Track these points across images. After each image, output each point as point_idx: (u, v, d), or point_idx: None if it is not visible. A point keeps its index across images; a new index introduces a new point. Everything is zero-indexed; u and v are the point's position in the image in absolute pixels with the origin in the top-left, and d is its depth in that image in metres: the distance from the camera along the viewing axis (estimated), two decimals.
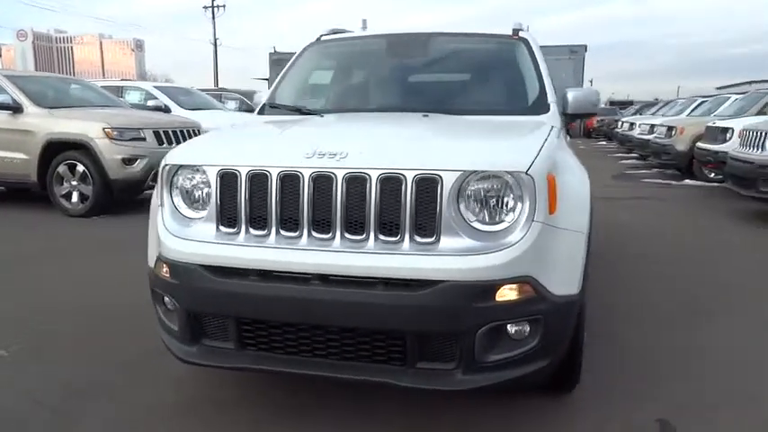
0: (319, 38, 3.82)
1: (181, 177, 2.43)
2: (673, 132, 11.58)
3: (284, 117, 3.24)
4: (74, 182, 7.34)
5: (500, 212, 2.14)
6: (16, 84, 7.70)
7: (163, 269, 2.38)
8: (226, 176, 2.27)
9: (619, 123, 20.38)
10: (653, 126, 13.49)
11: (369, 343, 2.18)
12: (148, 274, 2.57)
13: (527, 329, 2.16)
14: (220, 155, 2.35)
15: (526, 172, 2.09)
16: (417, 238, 2.10)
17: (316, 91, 3.71)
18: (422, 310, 2.05)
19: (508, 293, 2.07)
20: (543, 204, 2.12)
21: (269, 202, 2.20)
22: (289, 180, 2.18)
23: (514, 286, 2.07)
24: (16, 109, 7.44)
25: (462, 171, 2.09)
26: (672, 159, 11.71)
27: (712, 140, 9.64)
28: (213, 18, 46.93)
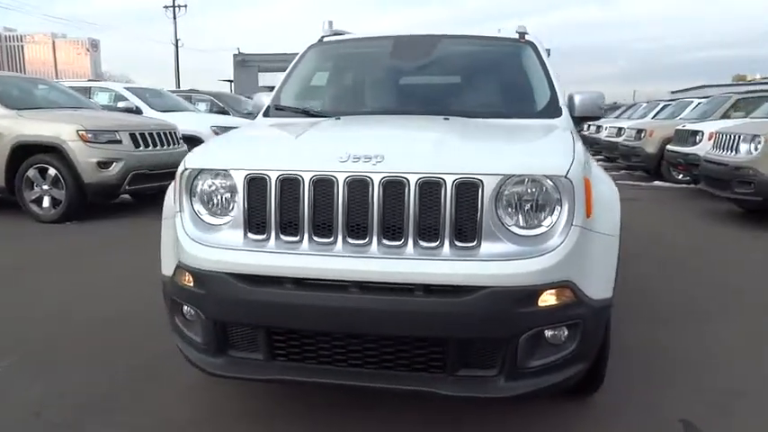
0: (321, 39, 3.75)
1: (201, 182, 2.33)
2: (642, 135, 11.85)
3: (294, 120, 3.15)
4: (45, 186, 7.05)
5: (538, 216, 2.12)
6: None
7: (184, 278, 2.28)
8: (254, 181, 2.18)
9: (585, 126, 20.77)
10: (620, 129, 13.79)
11: (408, 351, 2.13)
12: (164, 283, 2.47)
13: (566, 334, 2.15)
14: (248, 158, 2.26)
15: (565, 176, 2.08)
16: (458, 244, 2.06)
17: (323, 93, 3.63)
18: (466, 317, 2.01)
19: (549, 298, 2.06)
20: (581, 208, 2.11)
21: (301, 208, 2.13)
22: (322, 184, 2.11)
23: (556, 291, 2.06)
24: None
25: (503, 175, 2.06)
26: (641, 161, 11.98)
27: (682, 143, 9.90)
28: (174, 18, 45.98)
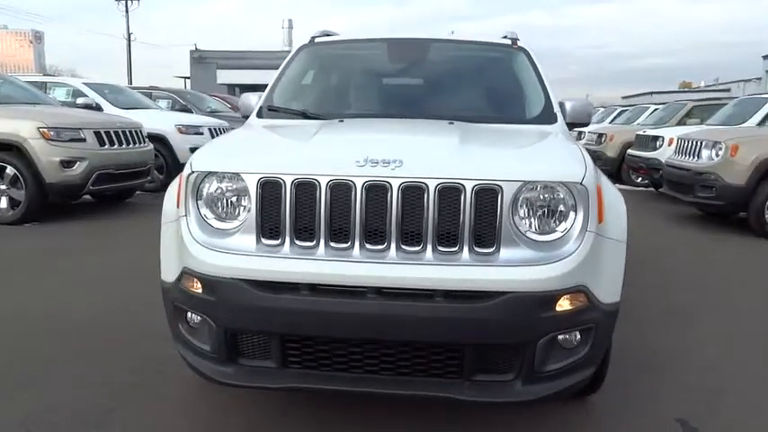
0: (312, 40, 3.70)
1: (209, 185, 2.26)
2: (603, 139, 12.19)
3: (291, 121, 3.10)
4: (2, 186, 6.73)
5: (554, 222, 2.15)
6: None
7: (191, 284, 2.21)
8: (268, 185, 2.13)
9: None
10: (581, 133, 14.13)
11: (425, 356, 2.12)
12: (165, 289, 2.38)
13: (579, 338, 2.18)
14: (260, 161, 2.21)
15: (581, 182, 2.11)
16: (477, 249, 2.07)
17: (317, 94, 3.57)
18: (486, 323, 2.01)
19: (565, 303, 2.08)
20: (594, 214, 2.14)
21: (317, 212, 2.09)
22: (339, 189, 2.08)
23: (571, 296, 2.09)
24: None
25: (522, 181, 2.07)
26: (603, 165, 12.28)
27: (643, 148, 10.22)
28: (127, 12, 44.65)
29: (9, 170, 6.66)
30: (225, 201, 2.25)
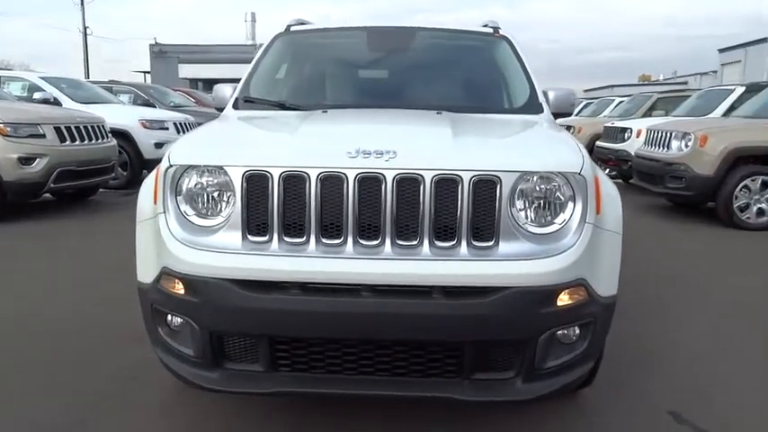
0: (288, 28, 3.56)
1: (188, 179, 2.13)
2: (571, 131, 12.28)
3: (270, 112, 2.96)
4: None
5: (552, 214, 2.08)
6: None
7: (173, 285, 2.07)
8: (254, 178, 2.00)
9: None
10: None
11: (423, 356, 2.03)
12: (143, 290, 2.23)
13: (578, 333, 2.13)
14: (245, 154, 2.07)
15: (579, 172, 2.04)
16: (475, 243, 1.99)
17: (295, 84, 3.43)
18: (487, 319, 1.93)
19: (565, 298, 2.02)
20: (592, 205, 2.08)
21: (307, 207, 1.98)
22: (330, 182, 1.97)
23: (571, 290, 2.03)
24: None
25: (521, 172, 2.00)
26: None
27: (612, 140, 10.34)
28: (82, 5, 43.35)
29: None
30: (206, 196, 2.12)
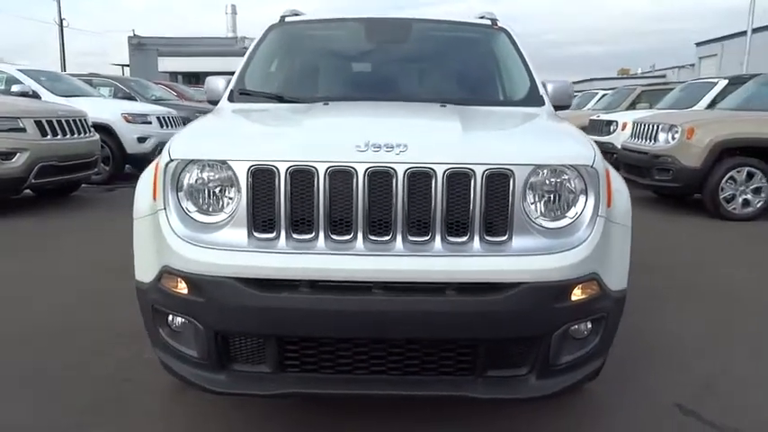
0: (282, 19, 3.47)
1: (189, 175, 2.05)
2: None
3: (268, 105, 2.89)
4: None
5: (565, 208, 2.05)
6: None
7: (174, 284, 2.00)
8: (260, 173, 1.94)
9: None
10: None
11: (436, 354, 1.99)
12: (142, 290, 2.16)
13: (590, 328, 2.11)
14: (250, 148, 2.00)
15: (592, 165, 2.01)
16: (488, 238, 1.95)
17: (292, 76, 3.36)
18: (503, 316, 1.89)
19: (579, 292, 1.99)
20: (604, 198, 2.06)
21: (315, 202, 1.92)
22: (339, 176, 1.91)
23: (584, 285, 2.00)
24: None
25: (534, 165, 1.96)
26: None
27: (597, 132, 10.38)
28: None
29: None
30: (208, 192, 2.05)
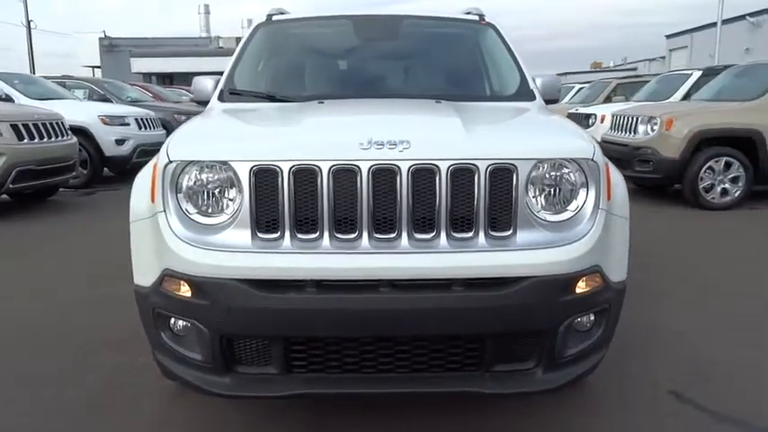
0: (269, 18, 3.44)
1: (188, 176, 2.02)
2: None
3: (259, 105, 2.85)
4: None
5: (566, 201, 2.06)
6: None
7: (176, 287, 1.97)
8: (262, 173, 1.92)
9: None
10: None
11: (443, 350, 1.99)
12: (141, 294, 2.12)
13: (594, 320, 2.13)
14: (251, 148, 1.98)
15: (592, 158, 2.03)
16: (493, 233, 1.95)
17: (282, 75, 3.33)
18: (510, 310, 1.91)
19: (583, 285, 2.02)
20: (604, 191, 2.08)
21: (319, 201, 1.91)
22: (343, 175, 1.90)
23: (588, 277, 2.02)
24: None
25: (536, 159, 1.97)
26: None
27: None
28: None
29: None
30: (208, 193, 2.02)
